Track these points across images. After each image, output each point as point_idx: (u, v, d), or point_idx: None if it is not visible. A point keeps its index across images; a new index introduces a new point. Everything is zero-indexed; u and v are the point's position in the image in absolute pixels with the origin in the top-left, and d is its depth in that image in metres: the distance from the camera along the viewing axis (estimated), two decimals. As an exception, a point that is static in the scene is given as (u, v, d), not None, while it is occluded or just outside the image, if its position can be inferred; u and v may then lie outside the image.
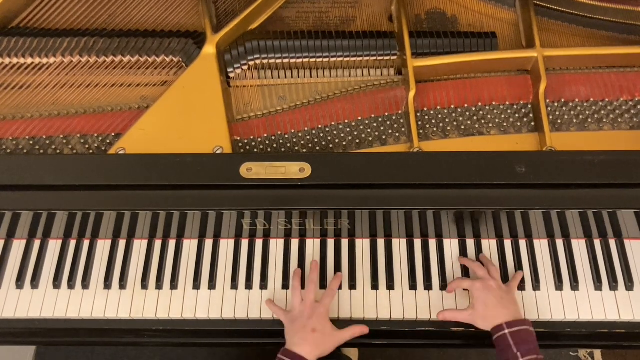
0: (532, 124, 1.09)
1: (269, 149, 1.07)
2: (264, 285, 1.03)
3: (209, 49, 1.08)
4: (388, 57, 1.13)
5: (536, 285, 1.02)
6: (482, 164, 0.95)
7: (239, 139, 1.07)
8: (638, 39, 1.16)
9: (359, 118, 1.09)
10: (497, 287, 0.96)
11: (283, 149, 1.07)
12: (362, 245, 1.07)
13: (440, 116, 1.10)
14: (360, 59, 1.13)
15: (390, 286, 1.03)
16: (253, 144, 1.08)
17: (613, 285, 1.02)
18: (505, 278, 1.03)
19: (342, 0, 1.20)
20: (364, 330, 0.97)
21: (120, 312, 1.02)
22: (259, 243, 1.07)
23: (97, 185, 0.95)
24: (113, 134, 1.07)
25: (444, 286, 1.02)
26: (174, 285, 1.03)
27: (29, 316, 1.02)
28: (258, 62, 1.12)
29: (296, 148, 1.07)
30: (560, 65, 1.13)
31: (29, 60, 1.09)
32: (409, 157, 0.99)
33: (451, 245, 1.06)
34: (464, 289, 1.01)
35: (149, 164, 0.96)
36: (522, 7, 1.17)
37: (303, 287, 1.00)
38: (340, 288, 1.03)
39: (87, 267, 1.05)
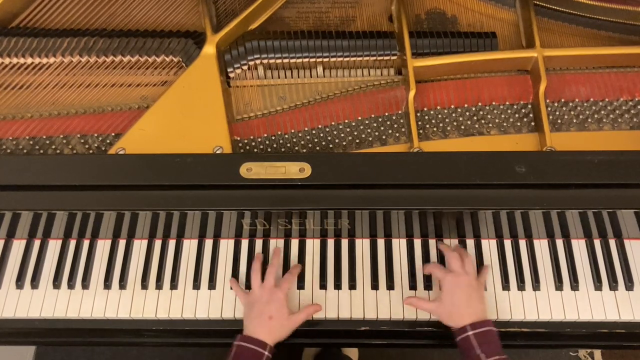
0: (532, 124, 1.09)
1: (269, 149, 1.07)
2: (264, 285, 1.03)
3: (209, 49, 1.08)
4: (388, 57, 1.13)
5: (536, 285, 1.02)
6: (482, 164, 0.95)
7: (239, 139, 1.07)
8: (638, 39, 1.16)
9: (359, 118, 1.09)
10: (467, 284, 0.95)
11: (283, 149, 1.07)
12: (362, 245, 1.07)
13: (440, 116, 1.10)
14: (360, 59, 1.13)
15: (390, 286, 1.03)
16: (253, 144, 1.08)
17: (613, 285, 1.03)
18: (505, 279, 1.03)
19: (342, 0, 1.20)
20: (317, 308, 0.99)
21: (120, 312, 1.02)
22: (259, 243, 1.07)
23: (97, 185, 0.95)
24: (113, 134, 1.07)
25: (444, 286, 1.02)
26: (173, 285, 1.03)
27: (29, 316, 1.02)
28: (258, 62, 1.12)
29: (296, 148, 1.07)
30: (560, 65, 1.13)
31: (29, 60, 1.09)
32: (409, 157, 0.99)
33: (451, 245, 1.06)
34: (437, 278, 1.00)
35: (149, 164, 0.96)
36: (522, 7, 1.17)
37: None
38: (340, 288, 1.03)
39: (87, 267, 1.05)
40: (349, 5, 1.20)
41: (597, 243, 1.07)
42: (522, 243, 1.07)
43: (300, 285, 1.03)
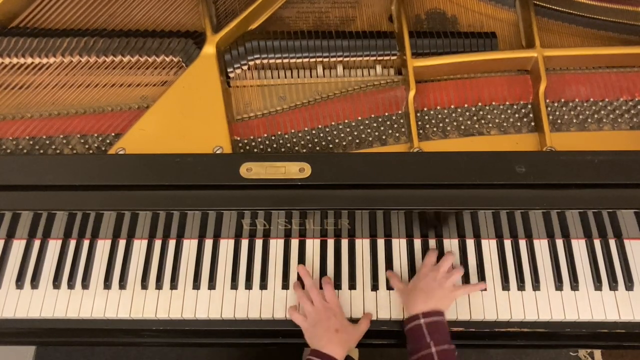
0: (532, 124, 1.09)
1: (269, 149, 1.07)
2: (263, 285, 1.03)
3: (209, 49, 1.08)
4: (388, 57, 1.13)
5: (536, 285, 1.02)
6: (482, 164, 0.95)
7: (239, 139, 1.07)
8: (638, 39, 1.16)
9: (359, 118, 1.09)
10: (432, 277, 0.97)
11: (283, 149, 1.07)
12: (362, 245, 1.07)
13: (440, 116, 1.10)
14: (360, 59, 1.13)
15: (390, 286, 1.03)
16: (253, 144, 1.08)
17: (613, 285, 1.02)
18: (505, 279, 1.03)
19: (342, 0, 1.20)
20: (370, 316, 1.00)
21: (120, 312, 1.02)
22: (259, 243, 1.07)
23: (97, 185, 0.95)
24: (113, 134, 1.07)
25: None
26: (173, 285, 1.03)
27: (29, 316, 1.02)
28: (258, 62, 1.12)
29: (296, 148, 1.07)
30: (560, 65, 1.13)
31: (29, 60, 1.09)
32: (409, 157, 0.99)
33: (451, 245, 1.06)
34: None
35: (149, 164, 0.96)
36: (522, 7, 1.17)
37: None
38: (340, 288, 1.03)
39: (87, 267, 1.05)
40: (349, 5, 1.20)
41: (597, 243, 1.07)
42: (522, 243, 1.07)
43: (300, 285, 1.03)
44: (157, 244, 1.07)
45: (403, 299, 0.99)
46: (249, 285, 1.03)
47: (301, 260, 1.05)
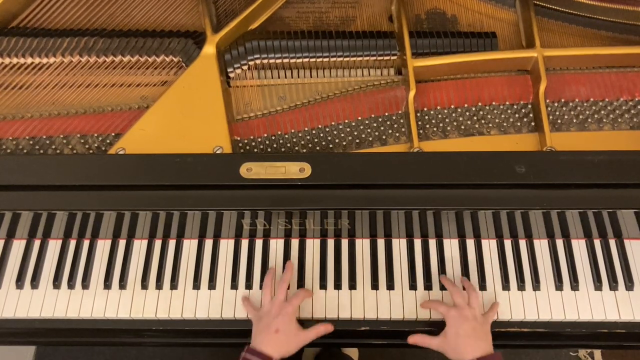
0: (532, 124, 1.09)
1: (269, 149, 1.07)
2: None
3: (209, 49, 1.08)
4: (388, 57, 1.13)
5: (536, 285, 1.02)
6: (482, 164, 0.95)
7: (239, 139, 1.07)
8: (638, 39, 1.16)
9: (359, 118, 1.09)
10: (472, 317, 0.93)
11: (283, 149, 1.07)
12: (362, 245, 1.07)
13: (440, 116, 1.10)
14: (360, 59, 1.13)
15: (390, 286, 1.03)
16: (253, 144, 1.08)
17: (613, 285, 1.03)
18: (505, 279, 1.03)
19: (342, 0, 1.20)
20: (328, 328, 0.97)
21: (120, 312, 1.02)
22: (259, 243, 1.07)
23: (97, 185, 0.95)
24: (113, 134, 1.07)
25: (443, 286, 1.02)
26: (173, 285, 1.03)
27: (29, 316, 1.02)
28: (258, 62, 1.12)
29: (296, 148, 1.07)
30: (560, 65, 1.13)
31: (29, 60, 1.09)
32: (409, 157, 0.99)
33: (451, 245, 1.06)
34: (441, 314, 0.97)
35: (149, 164, 0.96)
36: (522, 7, 1.17)
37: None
38: (340, 288, 1.03)
39: (87, 267, 1.05)
40: (349, 5, 1.20)
41: (597, 243, 1.07)
42: (522, 243, 1.07)
43: (300, 285, 1.03)
44: (157, 244, 1.07)
45: (448, 351, 0.92)
46: (249, 285, 1.03)
47: (301, 260, 1.05)
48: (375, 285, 1.03)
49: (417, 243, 1.07)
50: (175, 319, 1.02)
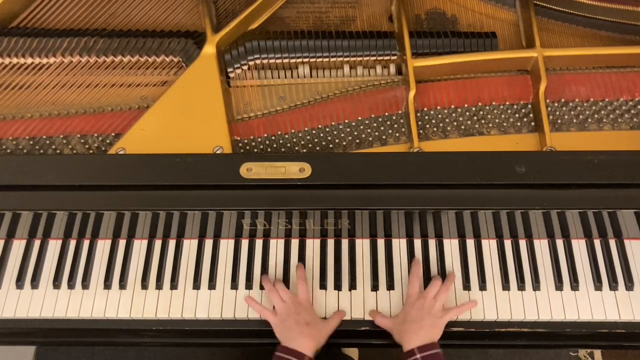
0: (532, 124, 1.09)
1: (269, 149, 1.07)
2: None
3: (209, 49, 1.08)
4: (388, 57, 1.13)
5: (536, 285, 1.02)
6: (482, 164, 0.95)
7: (239, 139, 1.07)
8: (638, 39, 1.16)
9: (359, 118, 1.09)
10: (427, 307, 0.94)
11: (283, 149, 1.07)
12: (362, 245, 1.07)
13: (440, 116, 1.10)
14: (360, 59, 1.13)
15: (391, 286, 1.03)
16: (253, 144, 1.08)
17: (613, 285, 1.03)
18: (505, 279, 1.03)
19: (342, 0, 1.20)
20: (342, 314, 0.99)
21: (120, 312, 1.02)
22: (259, 243, 1.07)
23: (97, 185, 0.95)
24: (113, 134, 1.07)
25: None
26: (174, 285, 1.03)
27: (29, 316, 1.02)
28: (258, 62, 1.12)
29: (296, 148, 1.07)
30: (560, 65, 1.13)
31: (29, 60, 1.09)
32: (409, 157, 0.99)
33: (451, 245, 1.06)
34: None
35: (149, 164, 0.96)
36: (522, 7, 1.17)
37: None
38: (340, 288, 1.03)
39: (87, 267, 1.05)
40: (349, 5, 1.20)
41: (597, 243, 1.07)
42: (522, 243, 1.07)
43: (300, 285, 1.03)
44: (157, 244, 1.07)
45: (394, 334, 0.96)
46: (249, 285, 1.03)
47: (301, 260, 1.05)
48: (375, 286, 1.03)
49: (417, 243, 1.07)
50: (175, 319, 1.02)
